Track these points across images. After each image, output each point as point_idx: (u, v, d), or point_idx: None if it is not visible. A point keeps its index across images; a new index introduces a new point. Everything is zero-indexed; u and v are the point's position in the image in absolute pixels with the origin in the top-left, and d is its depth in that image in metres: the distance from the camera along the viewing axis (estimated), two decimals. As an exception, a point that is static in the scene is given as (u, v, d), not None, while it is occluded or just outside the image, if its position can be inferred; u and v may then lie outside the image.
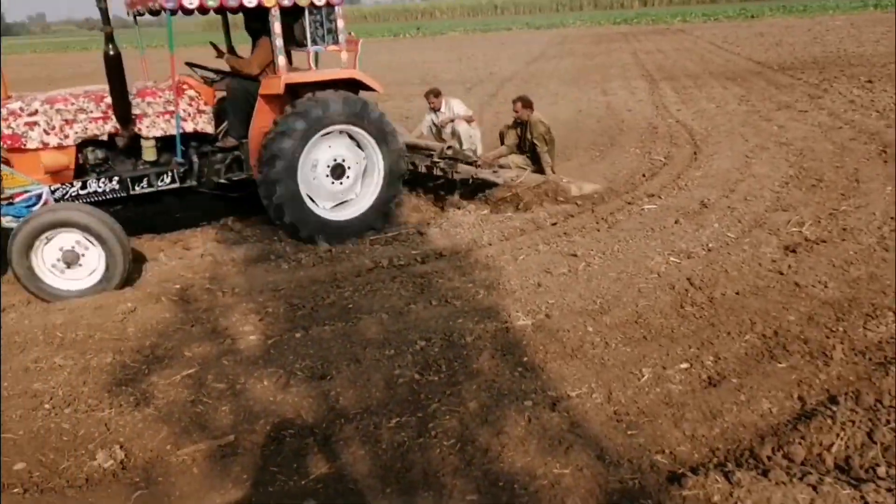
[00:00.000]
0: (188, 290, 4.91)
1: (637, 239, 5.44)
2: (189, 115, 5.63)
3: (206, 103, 5.73)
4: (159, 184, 5.60)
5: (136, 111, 5.45)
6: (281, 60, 5.54)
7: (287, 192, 5.57)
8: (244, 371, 3.75)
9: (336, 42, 5.80)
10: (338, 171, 5.88)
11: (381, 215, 6.07)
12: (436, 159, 6.85)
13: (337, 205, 6.01)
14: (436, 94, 8.10)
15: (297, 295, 4.75)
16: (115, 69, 5.16)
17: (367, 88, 6.02)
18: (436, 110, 8.04)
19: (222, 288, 4.93)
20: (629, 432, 3.05)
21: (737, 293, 4.38)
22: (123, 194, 5.49)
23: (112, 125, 5.39)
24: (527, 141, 7.18)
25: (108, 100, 5.33)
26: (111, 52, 5.11)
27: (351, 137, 5.89)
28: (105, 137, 5.44)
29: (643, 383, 3.43)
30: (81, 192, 5.33)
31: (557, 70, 19.22)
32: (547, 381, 3.50)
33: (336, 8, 5.66)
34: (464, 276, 4.94)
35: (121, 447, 3.14)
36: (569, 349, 3.83)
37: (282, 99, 5.60)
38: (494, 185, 6.69)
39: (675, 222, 5.76)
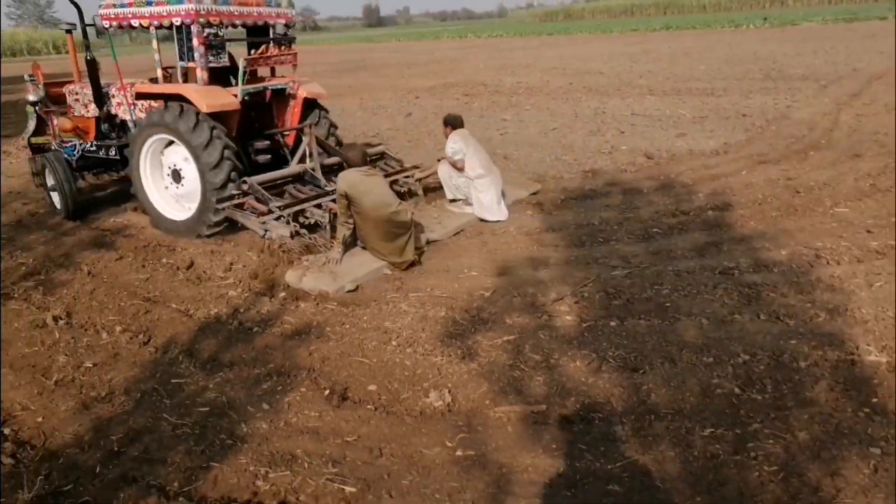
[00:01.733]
0: (511, 263, 5.28)
1: None
2: (144, 109, 6.71)
3: (156, 102, 6.53)
4: (110, 154, 7.23)
5: (119, 100, 6.96)
6: (158, 72, 6.64)
7: (138, 193, 6.62)
8: (559, 348, 3.93)
9: (192, 59, 6.26)
10: (176, 176, 6.38)
11: (201, 223, 6.11)
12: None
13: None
14: (444, 121, 6.66)
15: (613, 285, 4.78)
16: (92, 69, 6.82)
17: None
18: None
19: (542, 266, 5.20)
20: None
21: None
22: (99, 156, 7.30)
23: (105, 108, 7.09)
24: None
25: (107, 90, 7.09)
26: (88, 58, 6.77)
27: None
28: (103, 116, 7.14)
29: None
30: (90, 149, 7.27)
31: (948, 68, 15.77)
32: (903, 430, 2.99)
33: (192, 28, 5.98)
34: (801, 293, 4.44)
35: (449, 392, 3.55)
36: (937, 401, 3.20)
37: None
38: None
39: None
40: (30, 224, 7.22)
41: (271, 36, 6.78)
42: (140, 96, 6.66)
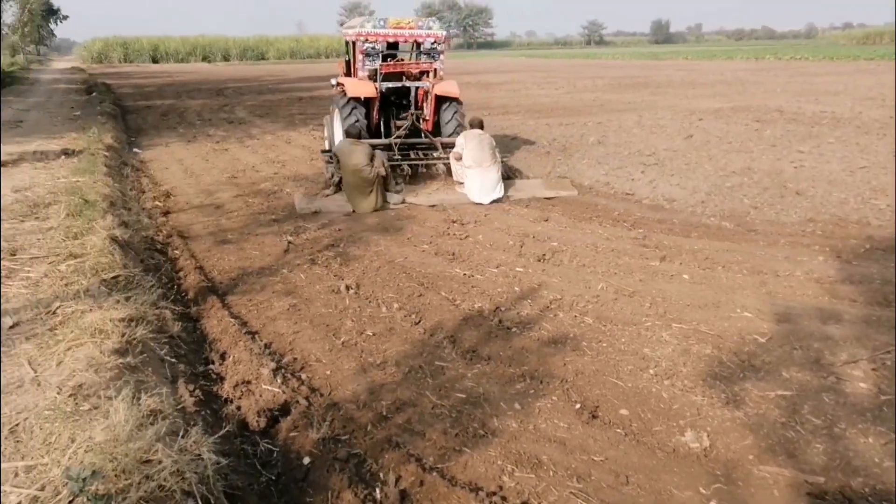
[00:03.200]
0: (794, 310, 4.73)
1: None
2: None
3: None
4: None
5: None
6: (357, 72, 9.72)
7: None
8: (846, 417, 3.43)
9: (356, 63, 9.54)
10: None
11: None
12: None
13: None
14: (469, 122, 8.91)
15: (926, 357, 4.03)
16: (346, 66, 10.20)
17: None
18: None
19: (833, 320, 4.58)
20: None
21: None
22: None
23: None
24: None
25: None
26: (346, 59, 10.16)
27: None
28: None
29: None
30: None
31: None
32: None
33: (356, 43, 9.32)
34: None
35: (707, 435, 3.31)
36: None
37: None
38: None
39: None
40: (335, 203, 8.38)
41: (421, 50, 9.51)
42: (337, 85, 9.95)
